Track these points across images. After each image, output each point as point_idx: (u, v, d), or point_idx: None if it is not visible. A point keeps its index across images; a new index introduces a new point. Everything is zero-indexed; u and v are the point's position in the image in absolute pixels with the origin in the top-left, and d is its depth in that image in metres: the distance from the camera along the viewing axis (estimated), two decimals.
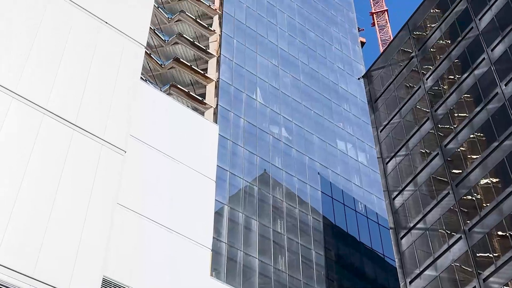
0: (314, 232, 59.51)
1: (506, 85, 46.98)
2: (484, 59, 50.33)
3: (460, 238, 45.74)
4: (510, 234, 41.99)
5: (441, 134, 51.83)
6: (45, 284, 21.54)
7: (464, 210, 46.39)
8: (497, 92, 47.57)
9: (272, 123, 64.50)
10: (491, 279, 42.13)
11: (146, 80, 58.34)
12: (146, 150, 32.03)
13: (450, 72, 53.80)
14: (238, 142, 59.27)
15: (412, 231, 50.57)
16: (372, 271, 62.53)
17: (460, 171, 48.17)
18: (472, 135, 48.43)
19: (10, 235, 21.42)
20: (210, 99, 61.53)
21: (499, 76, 48.04)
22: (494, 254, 42.64)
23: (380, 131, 60.19)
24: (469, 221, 45.59)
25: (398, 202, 53.64)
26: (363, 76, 67.91)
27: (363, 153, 71.98)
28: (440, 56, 55.93)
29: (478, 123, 48.34)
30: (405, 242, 51.09)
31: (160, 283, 28.01)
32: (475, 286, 42.97)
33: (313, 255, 57.69)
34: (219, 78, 63.23)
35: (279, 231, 56.49)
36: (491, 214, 43.99)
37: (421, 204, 50.78)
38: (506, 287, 40.79)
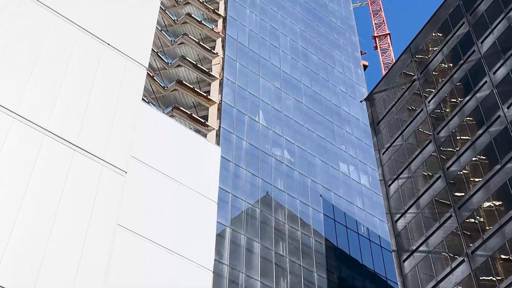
0: (316, 255, 59.28)
1: (508, 108, 47.00)
2: (486, 82, 50.41)
3: (463, 261, 45.52)
4: None
5: (443, 156, 51.78)
6: None
7: (467, 233, 46.21)
8: (499, 115, 47.58)
9: (274, 145, 64.52)
10: None
11: (149, 102, 58.49)
12: (148, 172, 32.02)
13: (452, 95, 53.86)
14: (240, 164, 59.26)
15: (415, 254, 50.36)
16: None
17: (463, 194, 48.06)
18: (474, 158, 48.37)
19: (9, 254, 21.38)
20: (213, 121, 61.62)
21: (501, 99, 48.08)
22: (497, 278, 42.39)
23: (383, 154, 60.16)
24: (472, 244, 45.39)
25: (400, 224, 53.47)
26: (366, 99, 68.01)
27: (366, 175, 71.89)
28: (442, 79, 56.04)
29: (480, 145, 48.29)
30: (407, 265, 50.84)
31: None
32: None
33: (315, 278, 57.41)
34: (221, 100, 63.37)
35: (281, 253, 56.28)
36: (494, 237, 43.81)
37: (423, 226, 50.61)
38: None
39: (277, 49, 75.88)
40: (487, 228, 44.66)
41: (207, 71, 66.06)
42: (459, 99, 52.73)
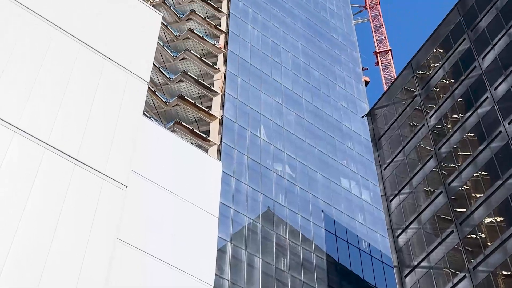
0: (318, 270, 59.12)
1: (509, 123, 47.03)
2: (487, 98, 50.48)
3: (464, 277, 45.38)
4: None
5: (444, 172, 51.75)
6: None
7: (468, 248, 46.10)
8: (500, 131, 47.60)
9: (275, 161, 64.54)
10: None
11: (151, 117, 58.60)
12: (149, 186, 32.00)
13: (453, 110, 53.91)
14: (241, 179, 59.26)
15: (416, 269, 50.21)
16: None
17: (464, 209, 47.99)
18: (475, 174, 48.34)
19: (9, 267, 21.37)
20: (214, 136, 61.71)
21: (503, 114, 48.13)
22: None
23: (384, 169, 60.15)
24: (473, 260, 45.28)
25: (402, 240, 53.35)
26: (367, 114, 68.09)
27: (367, 191, 71.84)
28: (443, 95, 56.12)
29: (481, 161, 48.28)
30: (409, 281, 50.67)
31: None
32: None
33: None
34: (223, 116, 63.48)
35: (282, 268, 56.13)
36: (495, 253, 43.70)
37: (425, 242, 50.50)
38: None
39: (278, 64, 76.08)
40: (488, 244, 44.56)
41: (209, 86, 66.25)
42: (460, 114, 52.79)
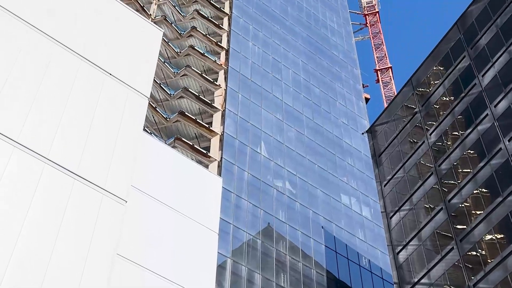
0: (318, 287, 58.93)
1: (509, 140, 47.09)
2: (487, 115, 50.57)
3: None
4: None
5: (445, 189, 51.74)
6: None
7: (469, 265, 46.00)
8: (500, 148, 47.65)
9: (276, 177, 64.53)
10: None
11: (151, 133, 58.67)
12: (149, 202, 32.02)
13: (453, 127, 54.00)
14: (242, 195, 59.24)
15: (417, 286, 50.06)
16: None
17: (464, 226, 47.94)
18: (476, 191, 48.33)
19: (7, 282, 21.35)
20: (215, 152, 61.75)
21: (503, 132, 48.19)
22: None
23: (384, 186, 60.14)
24: (473, 277, 45.16)
25: (402, 257, 53.25)
26: (367, 131, 68.18)
27: (367, 207, 71.77)
28: (444, 112, 56.22)
29: (481, 178, 48.29)
30: None
31: None
32: None
33: None
34: (223, 132, 63.56)
35: (282, 285, 55.97)
36: (495, 270, 43.60)
37: (425, 259, 50.40)
38: None
39: (279, 81, 76.27)
40: (489, 261, 44.47)
41: (210, 102, 66.38)
42: (461, 131, 52.86)
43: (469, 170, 49.92)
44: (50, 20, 28.64)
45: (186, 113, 63.74)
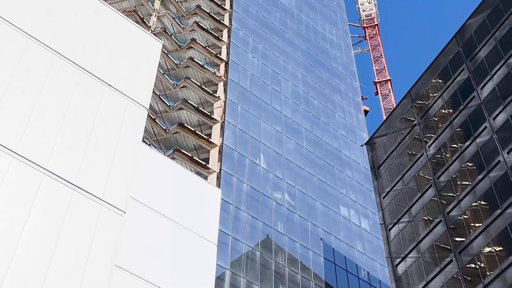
0: None
1: (508, 153, 47.14)
2: (486, 127, 50.64)
3: None
4: None
5: (443, 201, 51.74)
6: None
7: (468, 278, 45.93)
8: (499, 160, 47.69)
9: (275, 189, 64.53)
10: None
11: (150, 145, 58.70)
12: (147, 213, 32.01)
13: (452, 140, 54.06)
14: (241, 207, 59.21)
15: None
16: None
17: (463, 238, 47.91)
18: (474, 203, 48.34)
19: None
20: (214, 163, 61.77)
21: (501, 144, 48.25)
22: None
23: (383, 198, 60.13)
24: None
25: (401, 269, 53.17)
26: (366, 143, 68.24)
27: (366, 219, 71.73)
28: (442, 124, 56.31)
29: (480, 191, 48.30)
30: None
31: None
32: None
33: None
34: (222, 143, 63.61)
35: None
36: (494, 283, 43.54)
37: (424, 271, 50.33)
38: None
39: (278, 93, 76.40)
40: (487, 273, 44.41)
41: (209, 114, 66.47)
42: (459, 144, 52.91)
43: (468, 183, 49.94)
44: (50, 31, 28.72)
45: (186, 124, 63.81)
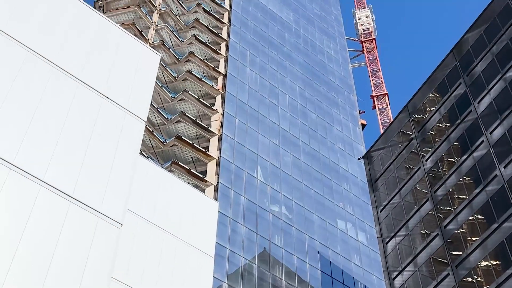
0: None
1: (505, 167, 47.23)
2: (483, 141, 50.76)
3: None
4: None
5: (440, 215, 51.79)
6: None
7: None
8: (496, 174, 47.77)
9: (272, 202, 64.54)
10: None
11: (148, 157, 58.76)
12: (144, 225, 32.09)
13: (449, 154, 54.18)
14: (238, 220, 59.20)
15: None
16: None
17: (460, 252, 47.91)
18: (471, 217, 48.38)
19: None
20: (211, 176, 61.81)
21: (498, 158, 48.35)
22: None
23: (380, 211, 60.16)
24: None
25: (398, 282, 53.12)
26: (364, 157, 68.33)
27: (363, 232, 71.71)
28: (439, 138, 56.43)
29: (477, 204, 48.36)
30: None
31: None
32: None
33: None
34: (220, 156, 63.68)
35: None
36: None
37: (421, 284, 50.29)
38: None
39: (276, 106, 76.56)
40: (484, 287, 44.39)
41: (207, 127, 66.58)
42: (456, 158, 53.02)
43: (465, 196, 50.00)
44: (48, 43, 28.83)
45: (183, 137, 63.91)
